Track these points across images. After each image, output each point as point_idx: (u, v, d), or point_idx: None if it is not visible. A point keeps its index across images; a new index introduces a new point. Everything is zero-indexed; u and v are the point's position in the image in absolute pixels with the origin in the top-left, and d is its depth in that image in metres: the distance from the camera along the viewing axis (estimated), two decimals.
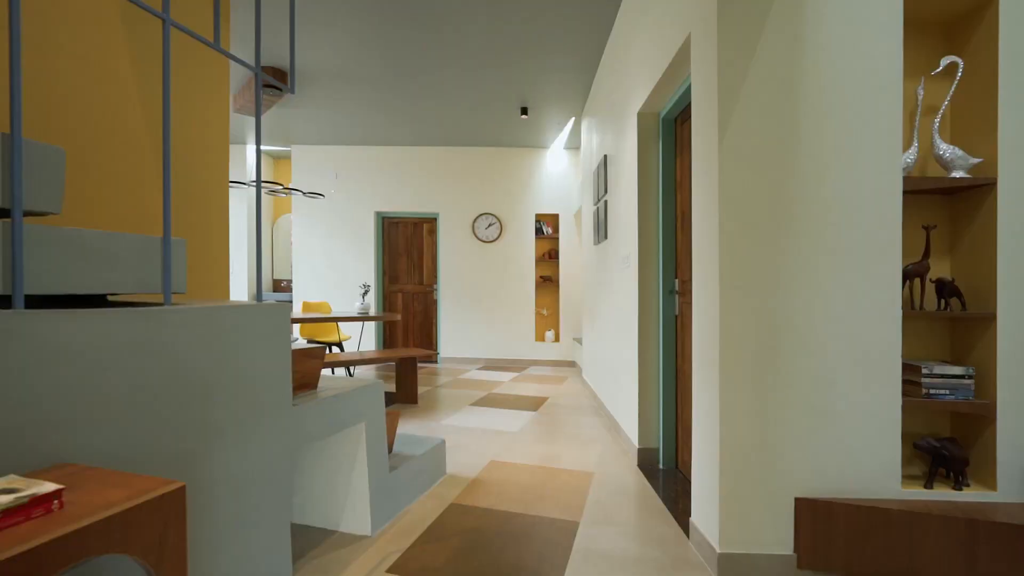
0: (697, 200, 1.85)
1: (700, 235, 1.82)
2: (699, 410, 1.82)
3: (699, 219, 1.83)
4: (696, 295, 1.87)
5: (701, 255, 1.81)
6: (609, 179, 3.61)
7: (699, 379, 1.82)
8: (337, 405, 1.72)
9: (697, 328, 1.85)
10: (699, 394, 1.82)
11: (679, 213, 2.60)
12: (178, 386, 1.11)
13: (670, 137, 2.69)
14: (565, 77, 4.36)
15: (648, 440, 2.74)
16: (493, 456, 2.82)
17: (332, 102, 5.05)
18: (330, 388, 1.81)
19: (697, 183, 1.85)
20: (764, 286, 1.61)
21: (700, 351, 1.82)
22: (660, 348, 2.71)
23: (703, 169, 1.78)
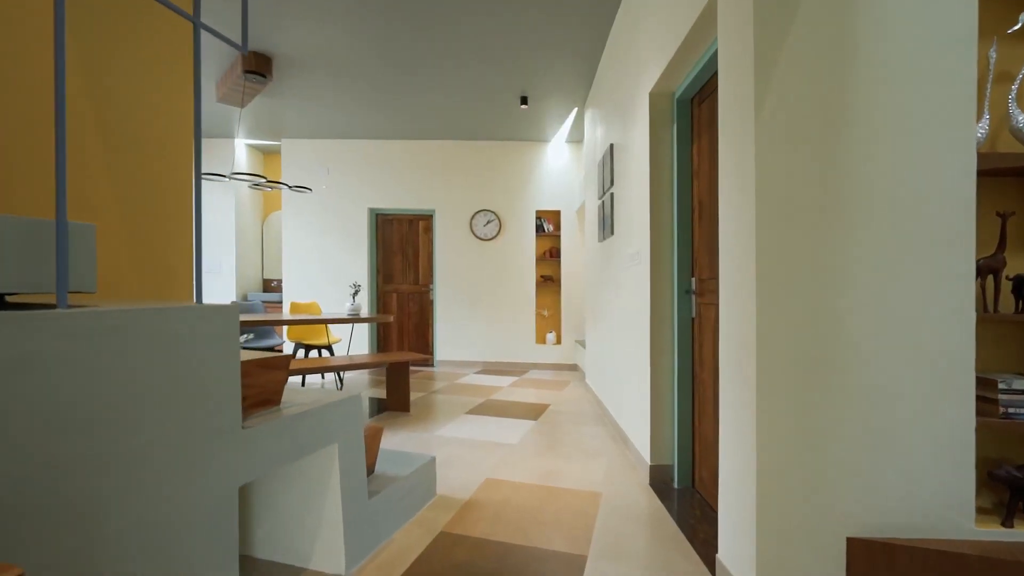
0: (725, 186, 1.59)
1: (728, 227, 1.56)
2: (728, 430, 1.56)
3: (727, 208, 1.57)
4: (723, 295, 1.60)
5: (730, 250, 1.54)
6: (616, 169, 3.35)
7: (728, 394, 1.56)
8: (302, 425, 1.45)
9: (725, 334, 1.59)
10: (728, 411, 1.56)
11: (696, 204, 2.34)
12: (67, 412, 0.84)
13: (685, 119, 2.43)
14: (567, 65, 4.10)
15: (661, 456, 2.48)
16: (489, 473, 2.56)
17: (322, 93, 4.79)
18: (297, 404, 1.55)
19: (725, 167, 1.59)
20: (809, 285, 1.35)
21: (728, 361, 1.55)
22: (675, 354, 2.45)
23: (732, 150, 1.52)
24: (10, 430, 0.77)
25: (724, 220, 1.59)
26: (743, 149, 1.44)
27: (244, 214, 6.51)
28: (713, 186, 2.13)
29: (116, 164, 1.56)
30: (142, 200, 1.64)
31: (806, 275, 1.35)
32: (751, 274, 1.39)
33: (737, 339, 1.49)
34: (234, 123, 5.67)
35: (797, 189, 1.36)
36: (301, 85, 4.58)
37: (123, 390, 0.94)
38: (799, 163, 1.36)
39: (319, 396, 1.66)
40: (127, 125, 1.59)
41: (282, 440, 1.37)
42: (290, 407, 1.51)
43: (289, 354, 1.54)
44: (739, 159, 1.47)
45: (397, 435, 3.20)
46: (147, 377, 0.99)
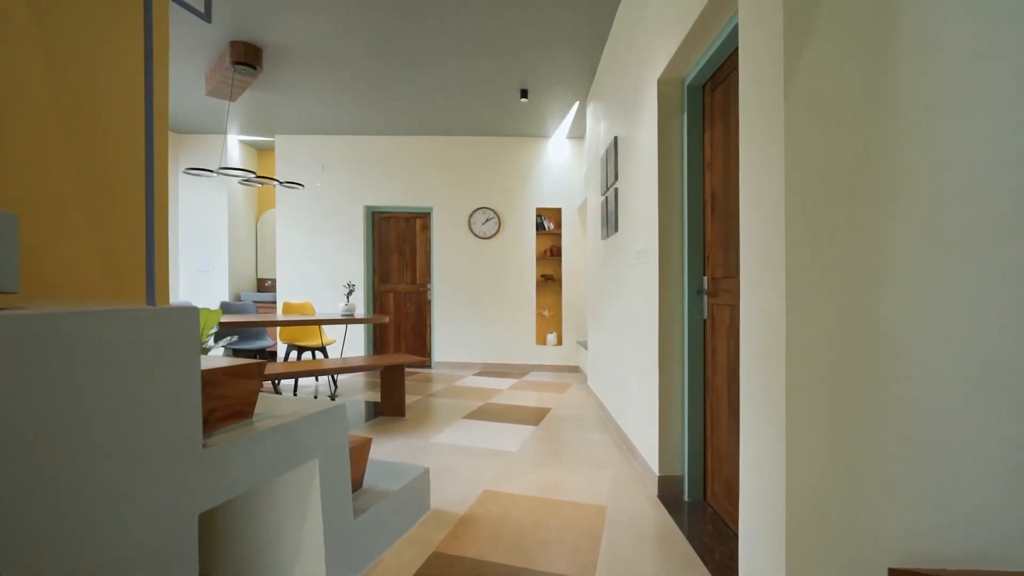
0: (747, 175, 1.44)
1: (751, 220, 1.41)
2: (751, 445, 1.40)
3: (750, 199, 1.42)
4: (745, 296, 1.45)
5: (753, 245, 1.39)
6: (620, 163, 3.20)
7: (751, 405, 1.40)
8: (276, 440, 1.30)
9: (747, 339, 1.43)
10: (751, 424, 1.40)
11: (708, 197, 2.19)
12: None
13: (697, 107, 2.28)
14: (569, 56, 3.95)
15: (670, 466, 2.32)
16: (487, 484, 2.41)
17: (316, 86, 4.63)
18: (272, 415, 1.40)
19: (747, 153, 1.44)
20: (846, 284, 1.20)
21: (752, 369, 1.40)
22: (685, 358, 2.29)
23: (756, 133, 1.36)
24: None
25: (746, 212, 1.44)
26: (769, 131, 1.28)
27: (237, 212, 6.36)
28: (728, 178, 1.98)
29: (73, 152, 1.40)
30: (106, 193, 1.49)
31: (842, 273, 1.20)
32: (779, 272, 1.23)
33: (762, 345, 1.33)
34: (226, 118, 5.51)
35: (832, 176, 1.20)
36: (294, 78, 4.42)
37: (52, 407, 0.79)
38: (834, 147, 1.20)
39: (299, 406, 1.51)
40: (78, 108, 1.44)
41: (251, 459, 1.22)
42: (264, 420, 1.35)
43: (263, 361, 1.39)
44: (764, 143, 1.31)
45: (391, 442, 3.05)
46: (83, 392, 0.84)
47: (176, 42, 3.74)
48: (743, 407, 1.46)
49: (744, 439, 1.44)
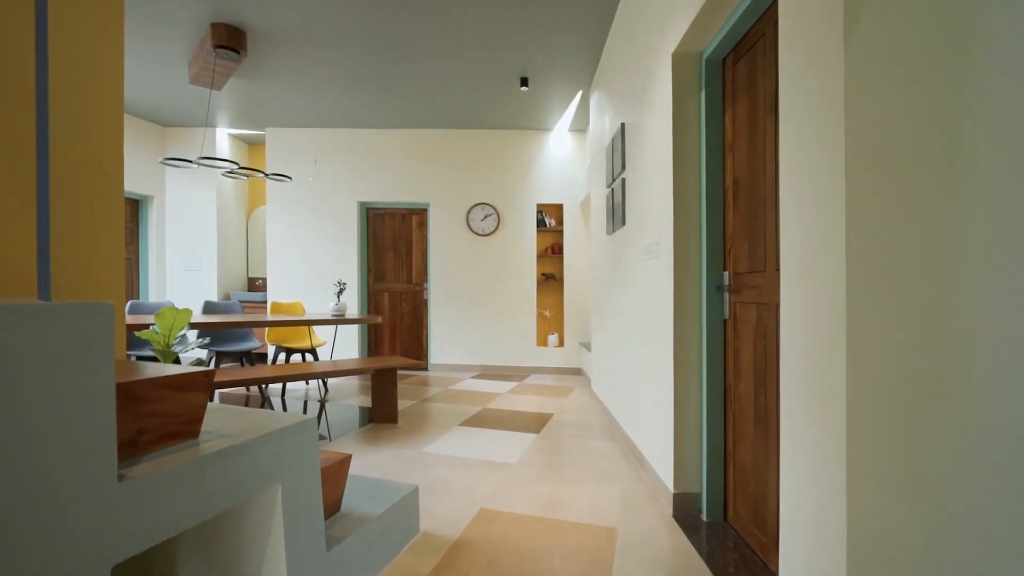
0: (789, 149, 1.22)
1: (794, 201, 1.18)
2: (795, 469, 1.18)
3: (792, 177, 1.19)
4: (787, 293, 1.23)
5: (798, 231, 1.17)
6: (628, 152, 2.97)
7: (795, 422, 1.18)
8: (223, 466, 1.07)
9: (789, 343, 1.21)
10: (795, 445, 1.18)
11: (729, 183, 1.96)
12: None
13: (716, 83, 2.05)
14: (572, 40, 3.72)
15: (687, 482, 2.10)
16: (484, 501, 2.18)
17: (306, 75, 4.41)
18: (225, 434, 1.17)
19: (791, 118, 1.21)
20: (923, 277, 0.97)
21: (796, 380, 1.18)
22: (703, 362, 2.07)
23: (802, 94, 1.14)
24: None
25: (788, 194, 1.22)
26: (823, 92, 1.06)
27: (227, 208, 6.13)
28: (754, 160, 1.75)
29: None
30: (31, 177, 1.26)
31: (918, 263, 0.97)
32: (836, 263, 1.01)
33: (811, 350, 1.11)
34: (210, 109, 5.29)
35: (905, 144, 0.98)
36: (281, 66, 4.20)
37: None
38: (908, 107, 0.98)
39: (261, 421, 1.28)
40: None
41: (189, 491, 0.99)
42: (213, 440, 1.13)
43: (212, 369, 1.16)
44: (814, 109, 1.09)
45: (380, 452, 2.82)
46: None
47: (154, 23, 3.52)
48: (785, 423, 1.23)
49: (787, 462, 1.22)
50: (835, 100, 1.01)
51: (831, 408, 1.03)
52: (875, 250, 0.98)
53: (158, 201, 5.92)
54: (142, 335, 2.33)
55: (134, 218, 5.82)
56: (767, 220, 1.66)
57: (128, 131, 5.51)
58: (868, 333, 0.98)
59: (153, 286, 5.87)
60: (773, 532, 1.63)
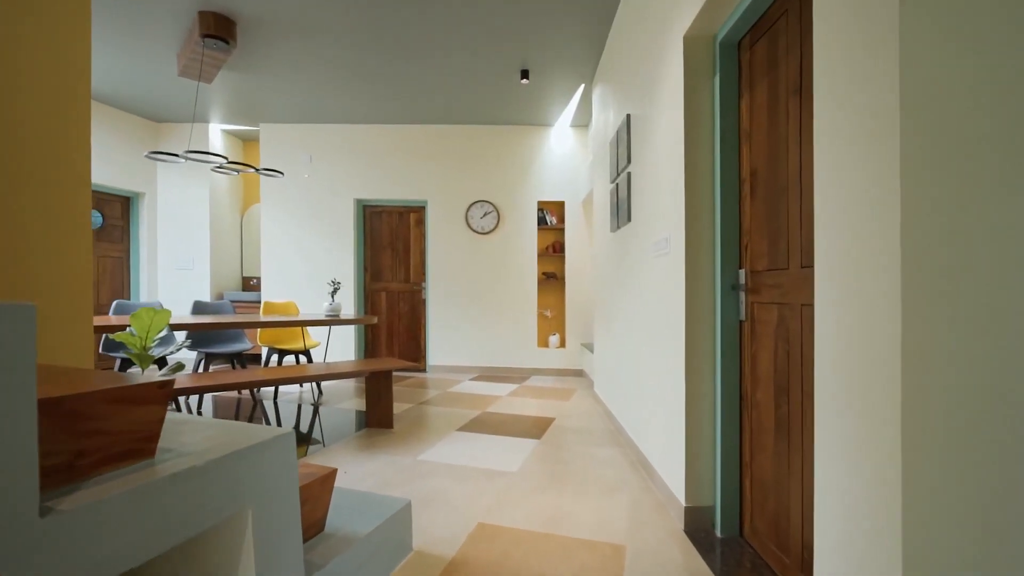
0: (824, 130, 1.08)
1: (832, 187, 1.05)
2: (832, 494, 1.04)
3: (830, 158, 1.06)
4: (821, 292, 1.09)
5: (836, 222, 1.03)
6: (634, 144, 2.83)
7: (834, 439, 1.04)
8: (181, 492, 0.93)
9: (825, 348, 1.07)
10: (833, 462, 1.04)
11: (746, 174, 1.83)
12: None
13: (731, 68, 1.91)
14: (574, 29, 3.58)
15: (699, 495, 1.96)
16: (482, 515, 2.04)
17: (300, 68, 4.27)
18: (188, 452, 1.03)
19: (825, 97, 1.08)
20: (993, 273, 0.84)
21: (832, 389, 1.04)
22: (717, 367, 1.93)
23: (844, 64, 1.00)
24: None
25: (825, 179, 1.08)
26: (873, 56, 0.92)
27: (220, 206, 6.00)
28: (775, 148, 1.61)
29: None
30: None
31: (984, 258, 0.84)
32: (889, 257, 0.87)
33: (856, 358, 0.97)
34: (203, 103, 5.15)
35: (972, 114, 0.84)
36: (274, 58, 4.06)
37: None
38: (976, 76, 0.84)
39: (231, 435, 1.14)
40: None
41: (135, 523, 0.85)
42: (172, 460, 0.99)
43: (170, 379, 1.02)
44: (862, 75, 0.95)
45: (374, 460, 2.68)
46: None
47: (140, 11, 3.38)
48: (821, 437, 1.09)
49: (823, 482, 1.08)
50: (887, 69, 0.87)
51: (881, 423, 0.89)
52: (935, 243, 0.84)
53: (149, 198, 5.78)
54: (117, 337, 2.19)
55: (124, 216, 5.68)
56: (790, 213, 1.53)
57: (118, 127, 5.37)
58: (926, 337, 0.84)
59: (144, 285, 5.73)
60: (797, 552, 1.49)
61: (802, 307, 1.47)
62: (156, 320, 2.07)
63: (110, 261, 5.50)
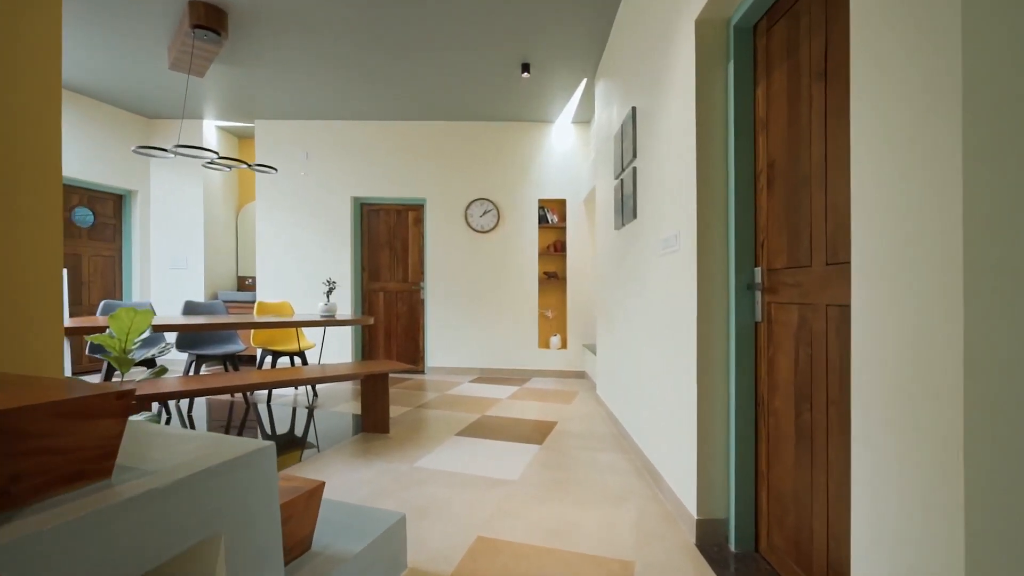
0: (863, 110, 0.97)
1: (875, 177, 0.94)
2: (872, 512, 0.93)
3: (869, 145, 0.95)
4: (861, 292, 0.98)
5: (882, 214, 0.92)
6: (640, 137, 2.72)
7: (874, 453, 0.93)
8: (137, 519, 0.82)
9: (864, 355, 0.96)
10: (876, 482, 0.93)
11: (763, 166, 1.72)
12: None
13: (746, 53, 1.80)
14: (577, 21, 3.47)
15: (712, 507, 1.85)
16: (481, 527, 1.93)
17: (295, 63, 4.16)
18: (150, 472, 0.92)
19: (864, 75, 0.97)
20: None
21: (875, 396, 0.93)
22: (731, 371, 1.82)
23: (890, 34, 0.89)
24: None
25: (864, 165, 0.97)
26: (927, 23, 0.81)
27: (215, 204, 5.88)
28: (795, 137, 1.51)
29: None
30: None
31: None
32: (948, 251, 0.76)
33: (905, 364, 0.86)
34: (196, 99, 5.04)
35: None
36: (268, 51, 3.95)
37: None
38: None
39: (203, 449, 1.03)
40: None
41: (82, 557, 0.74)
42: (132, 480, 0.88)
43: (130, 388, 0.91)
44: (915, 46, 0.84)
45: (369, 467, 2.57)
46: None
47: (128, 1, 3.27)
48: (859, 454, 0.98)
49: (862, 503, 0.97)
50: (946, 41, 0.76)
51: (936, 441, 0.78)
52: (1003, 236, 0.73)
53: (142, 196, 5.67)
54: (95, 339, 2.08)
55: (117, 214, 5.57)
56: (813, 206, 1.42)
57: (110, 123, 5.26)
58: (993, 342, 0.73)
59: (137, 285, 5.62)
60: (821, 571, 1.38)
61: (827, 307, 1.36)
62: (137, 321, 1.94)
63: (101, 260, 5.38)
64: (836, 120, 1.31)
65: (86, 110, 5.00)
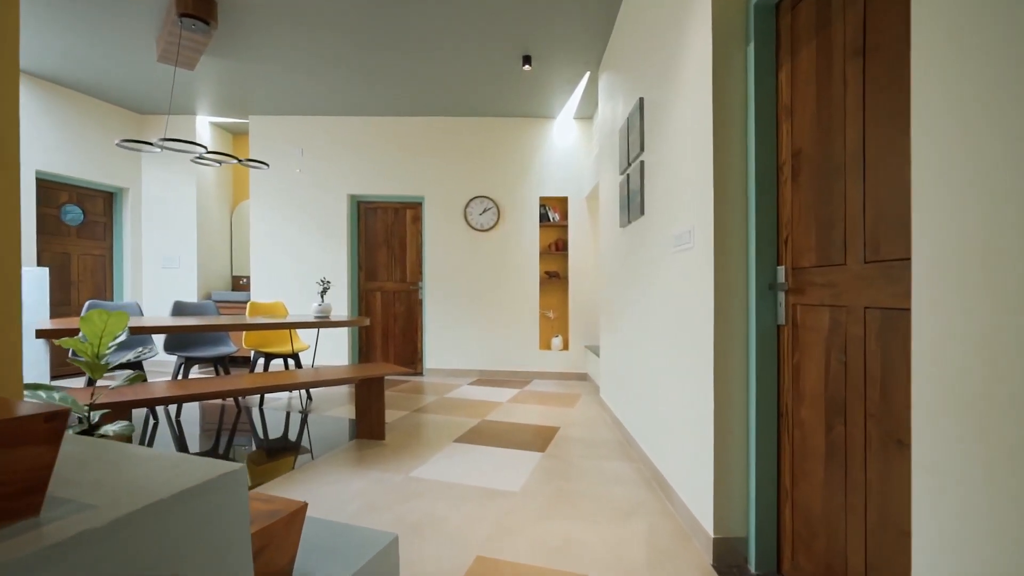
0: (928, 78, 0.83)
1: (941, 157, 0.80)
2: (945, 551, 0.79)
3: (936, 122, 0.81)
4: (927, 293, 0.84)
5: (944, 200, 0.78)
6: (648, 129, 2.58)
7: (944, 481, 0.80)
8: (68, 565, 0.68)
9: (932, 367, 0.83)
10: (947, 519, 0.79)
11: (787, 155, 1.58)
12: None
13: (768, 34, 1.66)
14: (579, 13, 3.33)
15: (730, 524, 1.71)
16: (480, 546, 1.79)
17: (289, 56, 4.02)
18: (90, 505, 0.78)
19: (927, 40, 0.83)
20: None
21: (948, 418, 0.79)
22: (751, 377, 1.68)
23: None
24: None
25: (926, 146, 0.83)
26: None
27: (208, 202, 5.75)
28: (826, 122, 1.37)
29: None
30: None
31: None
32: None
33: (988, 380, 0.72)
34: (191, 95, 4.90)
35: None
36: (260, 44, 3.81)
37: None
38: None
39: (161, 474, 0.89)
40: None
41: None
42: (65, 518, 0.74)
43: (60, 408, 0.77)
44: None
45: (363, 477, 2.43)
46: None
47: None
48: (923, 483, 0.84)
49: (926, 544, 0.83)
50: None
51: (1019, 461, 0.65)
52: None
53: (134, 194, 5.53)
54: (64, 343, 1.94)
55: (107, 212, 5.43)
56: (848, 197, 1.28)
57: (99, 119, 5.12)
58: None
59: (128, 285, 5.48)
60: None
61: (866, 310, 1.22)
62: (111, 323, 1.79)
63: (91, 259, 5.25)
64: (877, 100, 1.17)
65: (74, 104, 4.87)
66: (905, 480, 1.08)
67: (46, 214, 4.82)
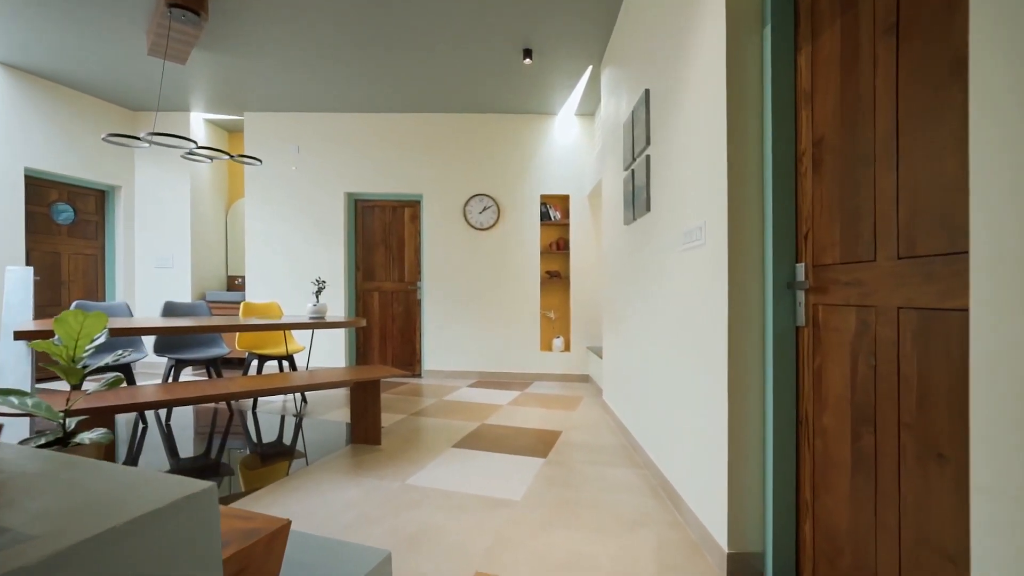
0: (988, 41, 0.73)
1: (998, 135, 0.70)
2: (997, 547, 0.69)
3: (992, 97, 0.71)
4: (980, 287, 0.74)
5: (1013, 184, 0.68)
6: (654, 122, 2.48)
7: (1008, 507, 0.69)
8: None
9: (989, 373, 0.72)
10: (1005, 540, 0.69)
11: (807, 144, 1.48)
12: None
13: (786, 15, 1.56)
14: (583, 2, 3.24)
15: (745, 538, 1.61)
16: (480, 560, 1.69)
17: (284, 50, 3.92)
18: (31, 537, 0.67)
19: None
20: None
21: (1004, 430, 0.69)
22: (768, 382, 1.58)
23: None
24: None
25: (986, 126, 0.73)
26: None
27: (203, 200, 5.64)
28: (852, 109, 1.27)
29: None
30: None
31: None
32: None
33: None
34: (184, 91, 4.79)
35: None
36: (255, 38, 3.71)
37: None
38: None
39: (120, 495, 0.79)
40: None
41: None
42: (8, 547, 0.63)
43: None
44: None
45: (357, 485, 2.33)
46: None
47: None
48: (982, 507, 0.74)
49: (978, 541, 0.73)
50: None
51: None
52: None
53: (126, 192, 5.43)
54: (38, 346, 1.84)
55: (99, 211, 5.33)
56: (878, 188, 1.18)
57: (91, 115, 5.02)
58: None
59: (121, 285, 5.38)
60: None
61: (899, 311, 1.12)
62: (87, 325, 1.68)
63: (83, 259, 5.14)
64: (912, 81, 1.07)
65: (64, 100, 4.76)
66: (947, 497, 0.98)
67: (35, 212, 4.71)
